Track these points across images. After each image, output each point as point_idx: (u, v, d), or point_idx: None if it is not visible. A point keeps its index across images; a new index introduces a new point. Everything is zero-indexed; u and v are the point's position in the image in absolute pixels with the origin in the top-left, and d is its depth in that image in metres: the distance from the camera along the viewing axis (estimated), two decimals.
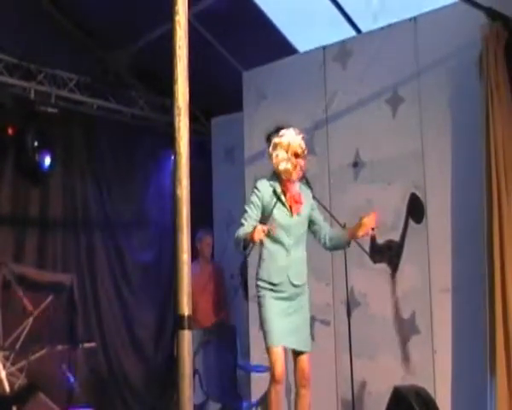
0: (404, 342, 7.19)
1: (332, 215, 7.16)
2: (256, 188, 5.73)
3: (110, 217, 9.17)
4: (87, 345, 8.18)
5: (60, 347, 7.77)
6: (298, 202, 5.74)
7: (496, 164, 6.48)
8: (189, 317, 3.40)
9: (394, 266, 7.37)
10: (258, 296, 5.63)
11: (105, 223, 9.13)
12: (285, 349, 5.57)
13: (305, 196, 5.84)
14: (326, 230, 5.89)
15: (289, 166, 5.66)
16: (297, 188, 5.78)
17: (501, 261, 6.39)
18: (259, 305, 5.61)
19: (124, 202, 9.30)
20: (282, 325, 5.50)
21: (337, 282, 7.51)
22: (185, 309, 3.39)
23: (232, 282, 9.08)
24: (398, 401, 5.65)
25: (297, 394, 5.64)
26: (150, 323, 9.34)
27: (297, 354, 5.62)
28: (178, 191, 3.44)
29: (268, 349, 5.50)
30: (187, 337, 3.40)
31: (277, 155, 5.71)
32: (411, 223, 7.32)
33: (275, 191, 5.66)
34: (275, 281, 5.56)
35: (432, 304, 7.08)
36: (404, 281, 7.28)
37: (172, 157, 3.41)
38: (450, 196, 7.06)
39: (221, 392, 6.38)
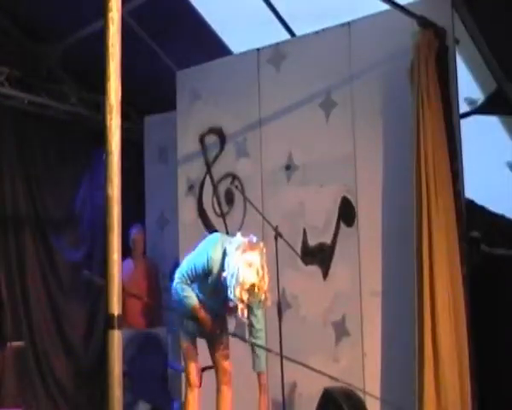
0: (334, 345, 7.24)
1: (264, 218, 7.19)
2: (209, 255, 5.72)
3: (40, 215, 9.02)
4: (15, 344, 8.05)
5: None
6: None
7: (425, 169, 6.57)
8: (118, 316, 3.35)
9: (325, 269, 7.41)
10: None
11: (35, 221, 8.99)
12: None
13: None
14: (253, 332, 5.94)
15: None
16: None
17: (429, 265, 6.48)
18: None
19: (55, 199, 9.17)
20: None
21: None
22: (115, 309, 3.34)
23: (162, 282, 9.02)
24: (327, 403, 5.68)
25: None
26: (80, 322, 9.23)
27: None
28: (109, 190, 3.39)
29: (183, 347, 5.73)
30: (116, 337, 3.35)
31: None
32: (343, 226, 7.38)
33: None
34: None
35: (362, 307, 7.15)
36: (335, 283, 7.34)
37: (104, 155, 3.37)
38: (380, 200, 7.13)
39: (151, 392, 6.34)
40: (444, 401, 6.35)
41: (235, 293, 5.41)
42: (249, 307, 5.77)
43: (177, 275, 5.84)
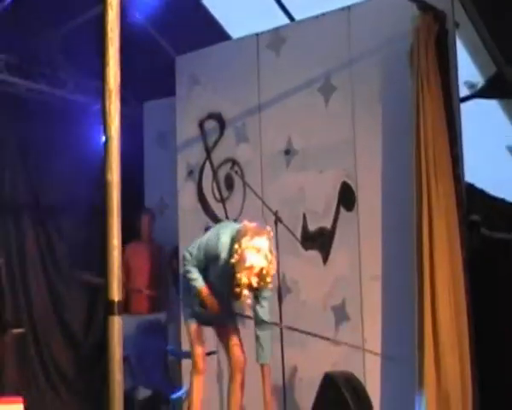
0: (334, 329, 7.25)
1: (264, 203, 7.20)
2: (219, 239, 5.71)
3: (40, 202, 9.01)
4: (16, 331, 8.05)
5: None
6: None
7: (425, 153, 6.57)
8: (118, 302, 3.36)
9: (325, 254, 7.42)
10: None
11: (35, 206, 8.97)
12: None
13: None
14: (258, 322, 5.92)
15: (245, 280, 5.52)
16: None
17: (429, 249, 6.48)
18: None
19: (54, 186, 9.14)
20: None
21: None
22: (115, 294, 3.35)
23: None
24: (328, 387, 5.69)
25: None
26: (81, 309, 9.23)
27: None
28: (109, 176, 3.40)
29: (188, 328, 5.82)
30: (117, 323, 3.37)
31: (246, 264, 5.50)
32: (342, 211, 7.39)
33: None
34: None
35: (362, 291, 7.16)
36: (335, 268, 7.35)
37: (103, 141, 3.37)
38: (380, 185, 7.14)
39: (152, 378, 6.35)
40: (444, 383, 6.37)
41: (242, 278, 5.40)
42: (257, 299, 5.79)
43: (186, 256, 5.80)
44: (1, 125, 8.70)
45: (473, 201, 7.10)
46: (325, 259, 7.44)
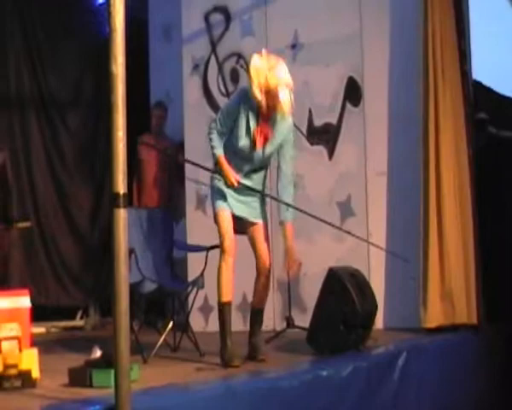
0: (339, 224, 7.29)
1: None
2: (239, 97, 5.57)
3: (44, 93, 8.91)
4: (22, 225, 8.09)
5: None
6: (265, 137, 5.51)
7: (433, 49, 6.54)
8: (124, 195, 3.36)
9: (331, 149, 7.43)
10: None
11: (39, 100, 8.89)
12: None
13: (279, 131, 5.54)
14: (281, 176, 5.73)
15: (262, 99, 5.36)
16: (271, 122, 5.48)
17: (436, 145, 6.50)
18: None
19: (59, 79, 9.05)
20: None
21: (273, 163, 7.51)
22: (120, 187, 3.35)
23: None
24: (332, 282, 5.74)
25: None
26: (87, 202, 9.24)
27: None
28: (113, 68, 3.37)
29: (216, 216, 5.57)
30: (122, 216, 3.37)
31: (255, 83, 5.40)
32: (348, 106, 7.36)
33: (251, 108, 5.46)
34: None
35: (367, 187, 7.18)
36: (341, 164, 7.36)
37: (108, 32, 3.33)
38: (387, 80, 7.13)
39: (157, 272, 6.40)
40: (448, 279, 6.45)
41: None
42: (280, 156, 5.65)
43: (212, 125, 5.60)
44: (5, 13, 8.55)
45: (480, 98, 7.07)
46: (331, 154, 7.46)
